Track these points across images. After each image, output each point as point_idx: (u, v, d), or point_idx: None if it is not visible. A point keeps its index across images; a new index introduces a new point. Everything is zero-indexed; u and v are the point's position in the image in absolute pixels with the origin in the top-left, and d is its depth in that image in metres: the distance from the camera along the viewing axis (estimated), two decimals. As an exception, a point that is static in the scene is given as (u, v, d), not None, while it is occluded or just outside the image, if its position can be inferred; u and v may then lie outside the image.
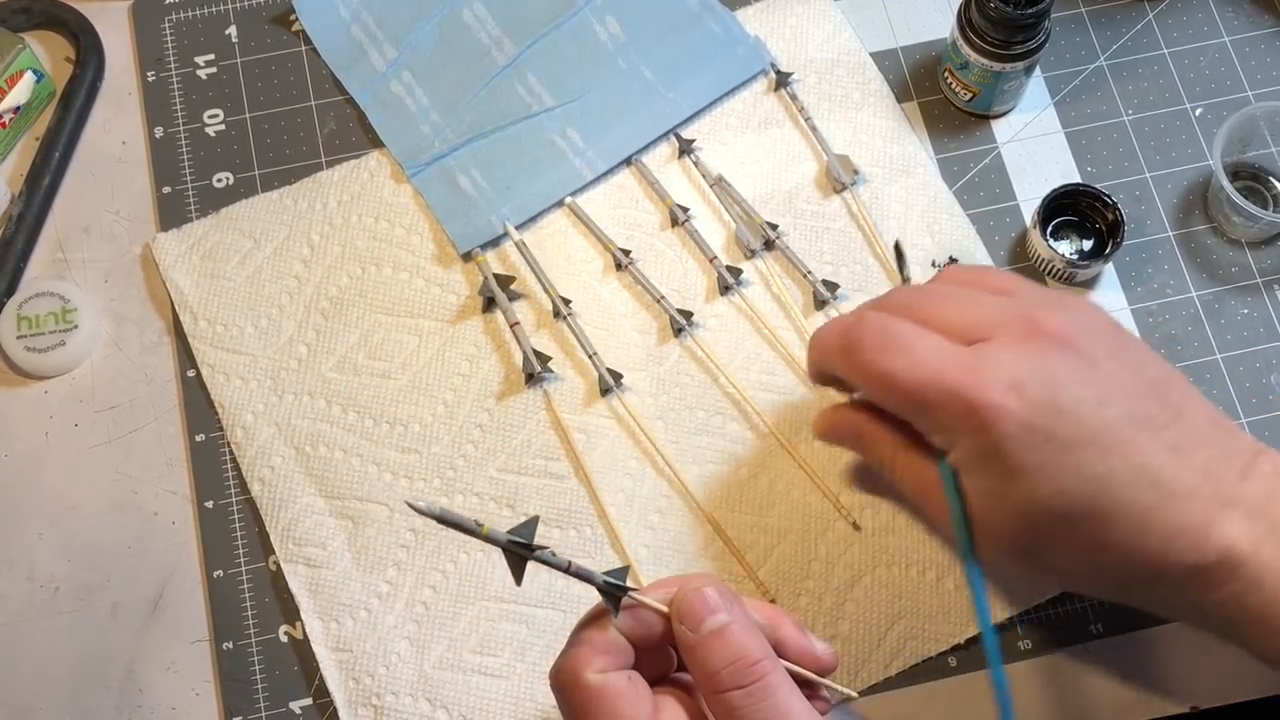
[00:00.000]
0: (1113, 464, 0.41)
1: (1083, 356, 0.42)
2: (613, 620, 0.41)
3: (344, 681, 0.54)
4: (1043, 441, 0.40)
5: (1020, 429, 0.40)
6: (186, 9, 0.65)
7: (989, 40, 0.57)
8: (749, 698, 0.40)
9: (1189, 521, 0.41)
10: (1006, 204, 0.61)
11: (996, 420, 0.41)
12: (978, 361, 0.42)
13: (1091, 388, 0.41)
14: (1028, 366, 0.41)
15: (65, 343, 0.58)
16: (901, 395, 0.43)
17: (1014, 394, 0.41)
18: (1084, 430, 0.41)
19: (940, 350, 0.43)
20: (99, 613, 0.56)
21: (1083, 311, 0.44)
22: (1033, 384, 0.41)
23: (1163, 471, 0.41)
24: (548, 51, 0.63)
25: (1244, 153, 0.61)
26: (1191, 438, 0.42)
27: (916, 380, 0.42)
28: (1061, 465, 0.41)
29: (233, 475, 0.57)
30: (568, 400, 0.57)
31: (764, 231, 0.60)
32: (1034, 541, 0.43)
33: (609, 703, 0.40)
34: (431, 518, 0.36)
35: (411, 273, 0.60)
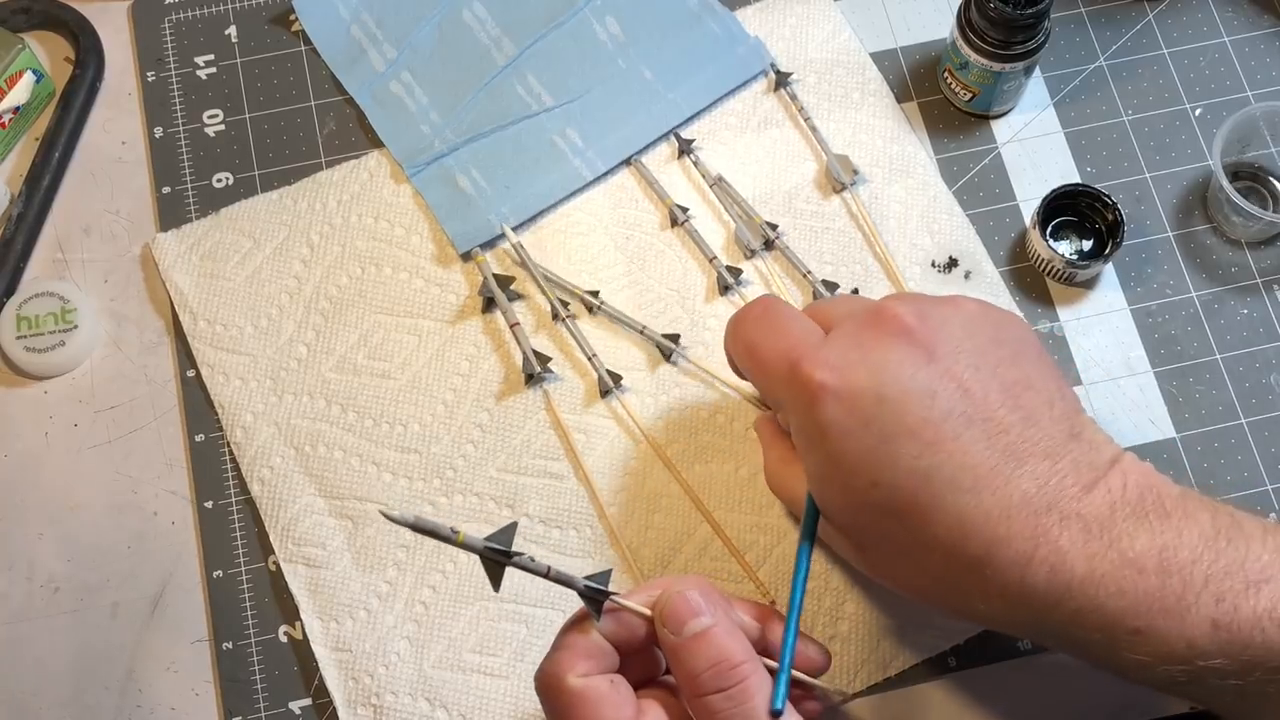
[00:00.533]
0: (934, 461, 0.40)
1: (919, 348, 0.41)
2: (595, 624, 0.41)
3: (343, 681, 0.54)
4: (860, 428, 0.40)
5: (840, 412, 0.40)
6: (186, 9, 0.65)
7: (989, 40, 0.57)
8: (729, 700, 0.39)
9: (1015, 530, 0.39)
10: (1006, 204, 0.61)
11: (818, 398, 0.41)
12: (820, 342, 0.42)
13: (921, 381, 0.40)
14: (858, 352, 0.41)
15: (65, 343, 0.58)
16: (755, 365, 0.45)
17: (837, 375, 0.41)
18: (905, 422, 0.40)
19: (801, 330, 0.44)
20: (99, 613, 0.56)
21: (941, 306, 0.43)
22: (858, 368, 0.41)
23: (991, 476, 0.40)
24: (547, 51, 0.63)
25: (1244, 153, 0.61)
26: (1036, 446, 0.40)
27: (767, 351, 0.44)
28: (879, 455, 0.40)
29: (233, 475, 0.57)
30: (568, 400, 0.57)
31: (764, 231, 0.60)
32: (860, 533, 0.43)
33: (591, 707, 0.39)
34: (405, 526, 0.36)
35: (411, 273, 0.60)
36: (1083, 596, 0.39)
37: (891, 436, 0.40)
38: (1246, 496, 0.56)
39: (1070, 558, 0.39)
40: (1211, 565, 0.39)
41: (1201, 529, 0.39)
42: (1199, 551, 0.39)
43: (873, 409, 0.40)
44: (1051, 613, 0.40)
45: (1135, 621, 0.39)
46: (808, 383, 0.41)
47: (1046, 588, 0.39)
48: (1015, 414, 0.41)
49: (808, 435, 0.42)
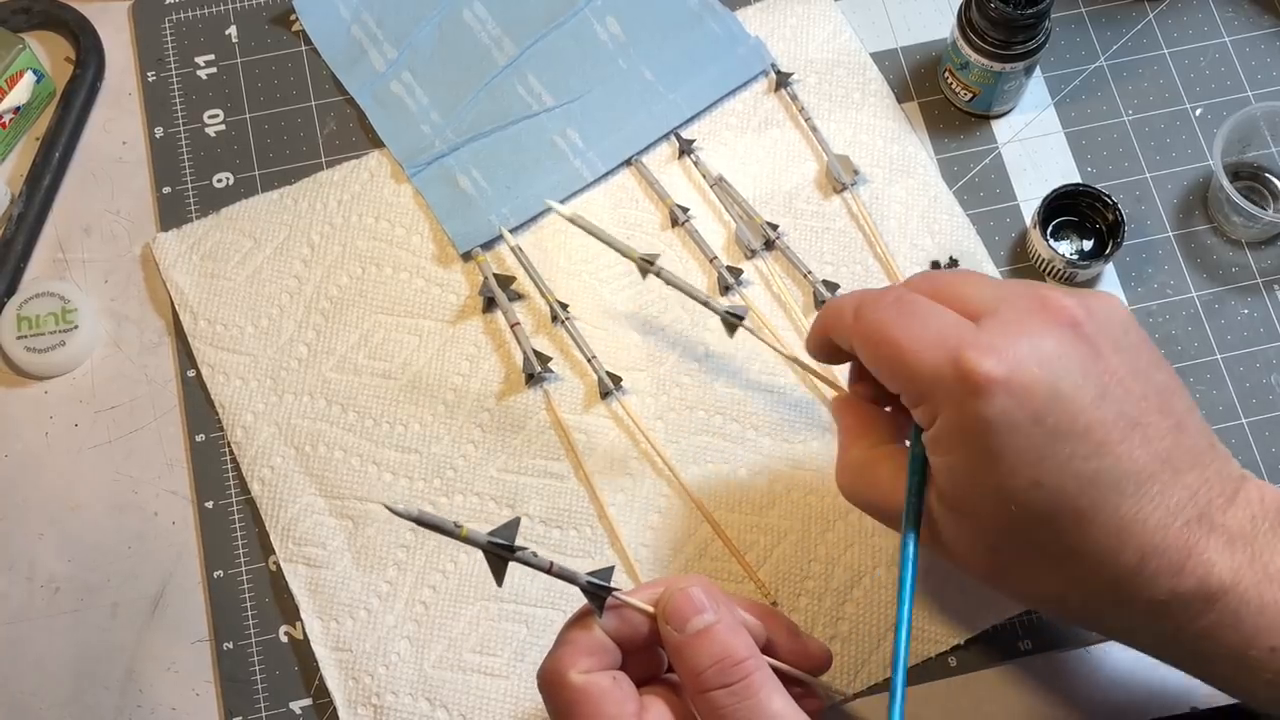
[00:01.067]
0: (1102, 464, 0.38)
1: (1088, 344, 0.39)
2: (597, 621, 0.41)
3: (344, 681, 0.54)
4: (1030, 424, 0.38)
5: (1010, 405, 0.38)
6: (186, 9, 0.65)
7: (989, 40, 0.58)
8: (733, 696, 0.39)
9: (1171, 540, 0.38)
10: (1006, 204, 0.61)
11: (986, 390, 0.38)
12: (979, 331, 0.39)
13: (1092, 379, 0.39)
14: (1029, 342, 0.39)
15: (65, 343, 0.58)
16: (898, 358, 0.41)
17: (1009, 367, 0.38)
18: (1078, 422, 0.38)
19: (947, 319, 0.41)
20: (99, 613, 0.56)
21: (1099, 301, 0.41)
22: (1030, 361, 0.38)
23: (1150, 483, 0.39)
24: (548, 52, 0.63)
25: (1244, 153, 0.61)
26: (1187, 455, 0.40)
27: (915, 344, 0.40)
28: (1046, 454, 0.38)
29: (233, 475, 0.57)
30: (568, 400, 0.57)
31: (764, 231, 0.60)
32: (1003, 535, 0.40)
33: (593, 703, 0.39)
34: (409, 520, 0.36)
35: (412, 273, 0.60)
36: (1225, 609, 0.38)
37: (1063, 435, 0.38)
38: (1247, 496, 0.56)
39: (1218, 569, 0.38)
40: None
41: None
42: None
43: (1045, 405, 0.38)
44: (1189, 626, 0.39)
45: (1273, 639, 0.38)
46: (972, 373, 0.38)
47: (1190, 599, 0.39)
48: (1168, 420, 0.40)
49: (966, 430, 0.39)
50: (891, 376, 0.42)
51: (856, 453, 0.46)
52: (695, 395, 0.57)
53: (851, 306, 0.43)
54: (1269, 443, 0.57)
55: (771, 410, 0.57)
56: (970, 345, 0.39)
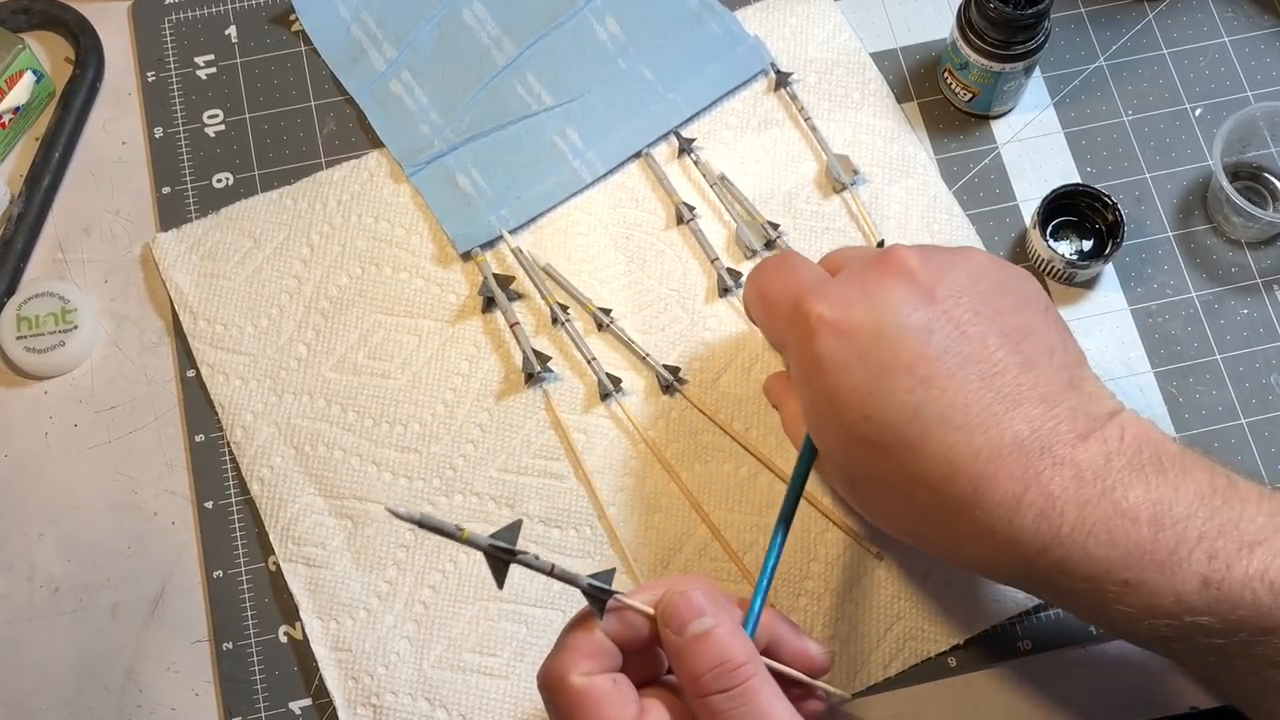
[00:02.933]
0: (925, 396, 0.40)
1: (920, 289, 0.42)
2: (598, 623, 0.41)
3: (343, 681, 0.54)
4: (856, 361, 0.41)
5: (836, 345, 0.41)
6: (186, 9, 0.65)
7: (989, 40, 0.57)
8: (731, 701, 0.39)
9: (1004, 471, 0.39)
10: (1006, 204, 0.61)
11: (815, 330, 0.42)
12: (825, 282, 0.44)
13: (919, 318, 0.41)
14: (860, 289, 0.42)
15: (65, 343, 0.58)
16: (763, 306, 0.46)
17: (838, 309, 0.42)
18: (901, 358, 0.40)
19: (810, 273, 0.45)
20: (99, 613, 0.56)
21: (947, 253, 0.44)
22: (858, 304, 0.42)
23: (982, 415, 0.40)
24: (547, 51, 0.63)
25: (1244, 153, 0.61)
26: (1032, 391, 0.40)
27: (775, 291, 0.45)
28: (872, 389, 0.40)
29: (232, 475, 0.57)
30: (567, 400, 0.57)
31: (765, 231, 0.59)
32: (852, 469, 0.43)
33: (594, 705, 0.39)
34: (411, 523, 0.36)
35: (411, 272, 0.60)
36: (1072, 544, 0.39)
37: (886, 370, 0.40)
38: (1247, 496, 0.56)
39: (1060, 503, 0.39)
40: (1206, 523, 0.39)
41: (1198, 486, 0.40)
42: (1194, 508, 0.39)
43: (869, 343, 0.41)
44: (1039, 558, 0.40)
45: (1125, 573, 0.39)
46: (807, 316, 0.42)
47: (1034, 531, 0.39)
48: (1013, 358, 0.41)
49: (805, 369, 0.43)
50: (762, 326, 0.48)
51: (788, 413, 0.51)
52: (695, 395, 0.57)
53: (753, 269, 0.49)
54: (1269, 443, 0.57)
55: (771, 410, 0.57)
56: (811, 292, 0.43)
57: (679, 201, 0.60)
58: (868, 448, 0.41)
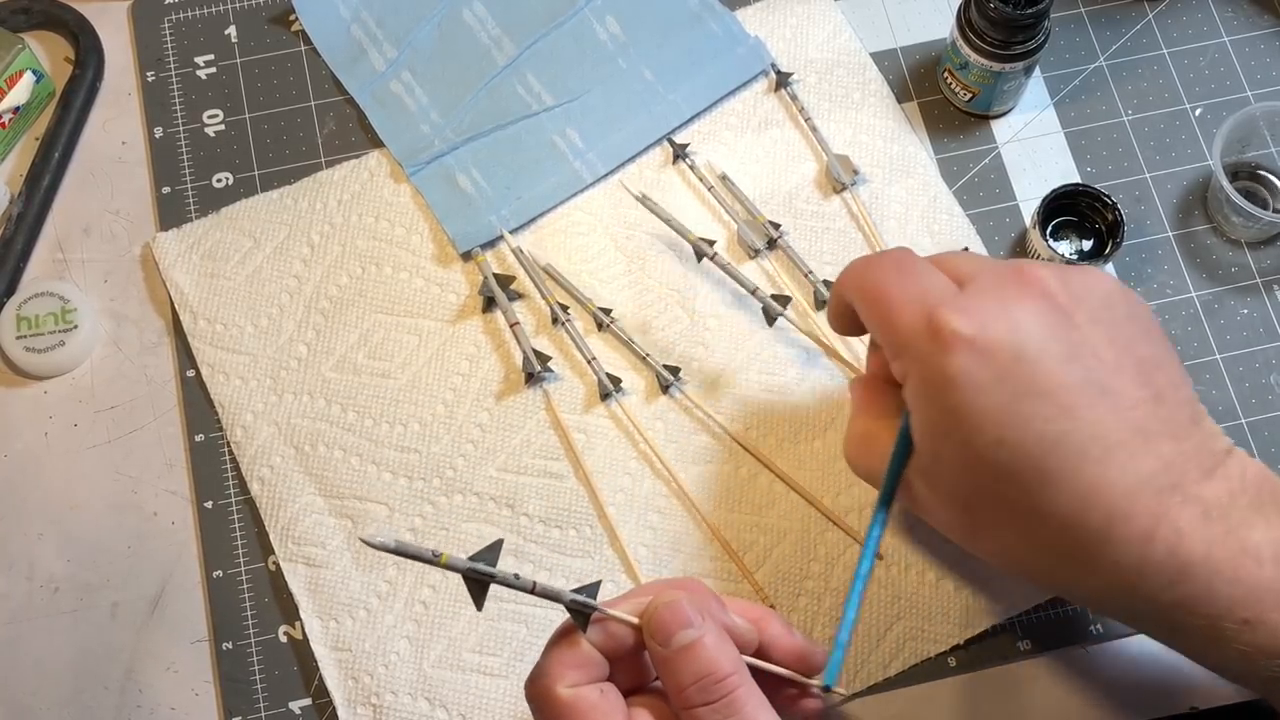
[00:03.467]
0: (1066, 426, 0.39)
1: (1061, 313, 0.40)
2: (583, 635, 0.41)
3: (343, 681, 0.54)
4: (994, 382, 0.39)
5: (974, 363, 0.39)
6: (186, 9, 0.65)
7: (989, 40, 0.58)
8: (716, 714, 0.39)
9: (1139, 507, 0.39)
10: (1006, 204, 0.61)
11: (951, 346, 0.39)
12: (958, 293, 0.41)
13: (1061, 344, 0.40)
14: (999, 305, 0.40)
15: (65, 343, 0.58)
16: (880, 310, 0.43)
17: (975, 325, 0.39)
18: (1041, 384, 0.39)
19: (935, 280, 0.42)
20: (99, 613, 0.56)
21: (1080, 274, 0.42)
22: (998, 322, 0.40)
23: (1119, 450, 0.39)
24: (547, 51, 0.63)
25: (1244, 153, 0.61)
26: (1164, 425, 0.40)
27: (898, 296, 0.42)
28: (1010, 413, 0.39)
29: (232, 475, 0.57)
30: (567, 400, 0.57)
31: (767, 231, 0.59)
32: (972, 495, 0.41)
33: (580, 717, 0.39)
34: (387, 552, 0.35)
35: (411, 272, 0.60)
36: (1197, 581, 0.39)
37: (1025, 395, 0.39)
38: (1247, 496, 0.56)
39: (1189, 540, 0.39)
40: None
41: None
42: None
43: (1009, 364, 0.39)
44: (1162, 594, 0.39)
45: (1246, 612, 0.39)
46: (941, 329, 0.40)
47: (1161, 568, 0.39)
48: (1145, 390, 0.40)
49: (932, 385, 0.40)
50: (876, 330, 0.44)
51: (861, 424, 0.47)
52: (695, 395, 0.57)
53: (859, 268, 0.45)
54: (1269, 443, 0.57)
55: (771, 410, 0.57)
56: (945, 304, 0.40)
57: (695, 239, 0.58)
58: (995, 474, 0.40)
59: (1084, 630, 0.54)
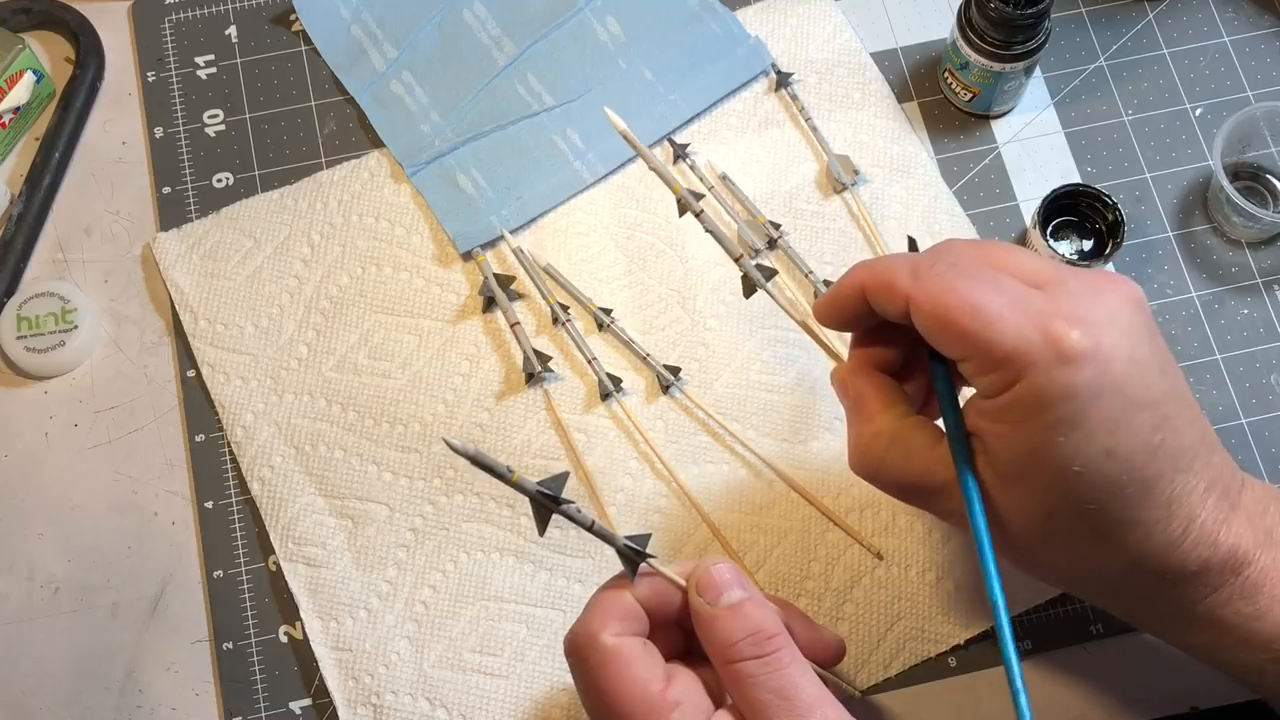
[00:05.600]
0: (1166, 435, 0.39)
1: (1148, 319, 0.40)
2: (630, 587, 0.42)
3: (343, 681, 0.54)
4: (1111, 391, 0.38)
5: (1096, 374, 0.38)
6: (186, 9, 0.65)
7: (989, 40, 0.58)
8: (765, 667, 0.40)
9: (1209, 514, 0.40)
10: (1006, 204, 0.61)
11: (1077, 359, 0.38)
12: (1055, 300, 0.39)
13: (1156, 354, 0.40)
14: (1108, 314, 0.39)
15: (65, 343, 0.58)
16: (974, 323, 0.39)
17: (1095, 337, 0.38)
18: (1151, 392, 0.39)
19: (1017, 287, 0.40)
20: (99, 613, 0.56)
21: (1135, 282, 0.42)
22: (1113, 330, 0.38)
23: (1195, 459, 0.40)
24: (548, 52, 0.63)
25: (1244, 153, 0.61)
26: (1211, 437, 0.42)
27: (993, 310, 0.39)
28: (1122, 423, 0.38)
29: (233, 475, 0.57)
30: (568, 400, 0.57)
31: (767, 230, 0.59)
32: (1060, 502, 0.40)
33: (624, 664, 0.40)
34: (465, 458, 0.36)
35: (412, 272, 0.60)
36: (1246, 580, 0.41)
37: (1134, 406, 0.38)
38: (1247, 496, 0.56)
39: (1245, 542, 0.41)
40: None
41: None
42: None
43: (1126, 373, 0.38)
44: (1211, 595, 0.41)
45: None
46: (1061, 340, 0.38)
47: (1220, 569, 0.41)
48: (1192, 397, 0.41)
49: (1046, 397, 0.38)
50: (961, 342, 0.40)
51: (883, 423, 0.44)
52: (695, 395, 0.57)
53: (907, 267, 0.41)
54: (1269, 443, 0.57)
55: (771, 410, 0.57)
56: (1057, 315, 0.38)
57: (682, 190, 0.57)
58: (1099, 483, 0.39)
59: (1084, 630, 0.54)
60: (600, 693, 0.40)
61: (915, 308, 0.41)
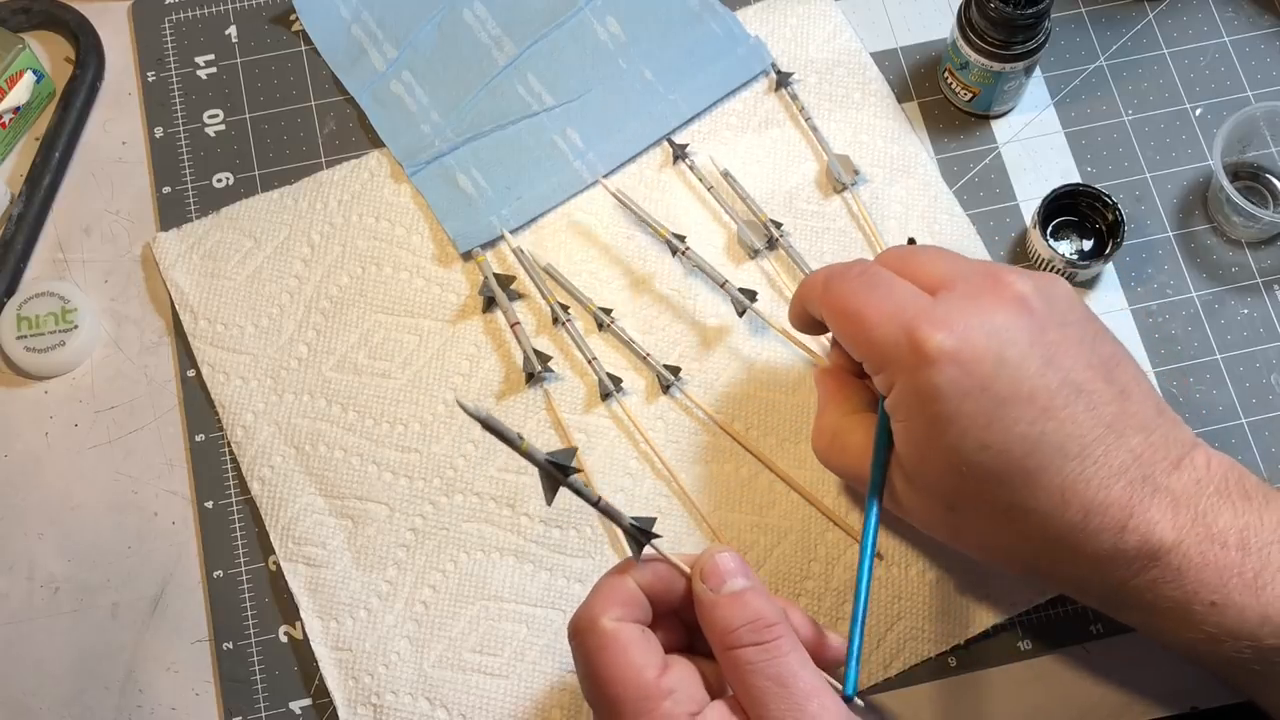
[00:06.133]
0: (1046, 427, 0.41)
1: (1034, 318, 0.42)
2: (633, 572, 0.43)
3: (343, 680, 0.54)
4: (978, 390, 0.41)
5: (958, 374, 0.41)
6: (186, 9, 0.65)
7: (989, 40, 0.58)
8: (764, 654, 0.41)
9: (1113, 498, 0.41)
10: (1006, 204, 0.61)
11: (936, 360, 0.41)
12: (933, 305, 0.43)
13: (1038, 349, 0.42)
14: (978, 316, 0.42)
15: (65, 343, 0.58)
16: (856, 326, 0.44)
17: (958, 338, 0.41)
18: (1022, 388, 0.41)
19: (906, 292, 0.44)
20: (99, 613, 0.56)
21: (1047, 281, 0.45)
22: (979, 332, 0.41)
23: (1094, 445, 0.41)
24: (548, 51, 0.63)
25: (1244, 153, 0.61)
26: (1131, 420, 0.42)
27: (873, 312, 0.43)
28: (993, 418, 0.41)
29: (233, 475, 0.57)
30: (568, 400, 0.57)
31: (768, 230, 0.59)
32: (956, 495, 0.43)
33: (621, 648, 0.41)
34: (476, 420, 0.36)
35: (412, 272, 0.60)
36: (1167, 566, 0.41)
37: (1008, 400, 0.41)
38: (1247, 496, 0.56)
39: (1160, 528, 0.41)
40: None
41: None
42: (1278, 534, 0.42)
43: (992, 373, 0.41)
44: (1135, 579, 0.42)
45: (1212, 595, 0.41)
46: (924, 344, 0.41)
47: (1135, 554, 0.41)
48: (1113, 388, 0.43)
49: (918, 397, 0.42)
50: (854, 345, 0.45)
51: (830, 418, 0.49)
52: (696, 395, 0.57)
53: (822, 279, 0.47)
54: (1269, 443, 0.57)
55: (771, 410, 0.57)
56: (924, 319, 0.42)
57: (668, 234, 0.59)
58: (980, 476, 0.42)
59: (1084, 630, 0.54)
60: (596, 676, 0.41)
61: (825, 316, 0.47)
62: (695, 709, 0.41)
